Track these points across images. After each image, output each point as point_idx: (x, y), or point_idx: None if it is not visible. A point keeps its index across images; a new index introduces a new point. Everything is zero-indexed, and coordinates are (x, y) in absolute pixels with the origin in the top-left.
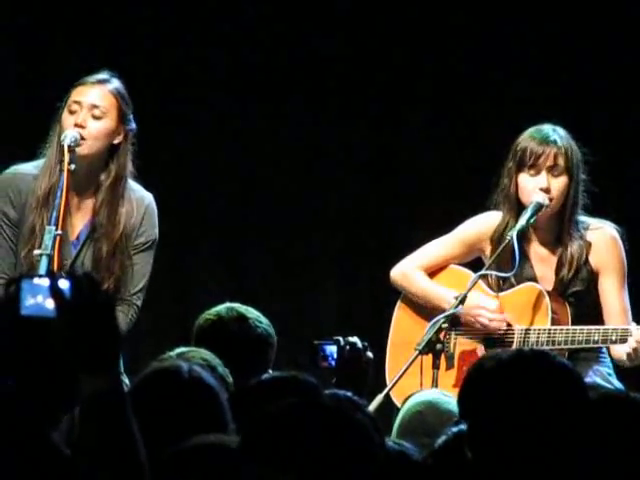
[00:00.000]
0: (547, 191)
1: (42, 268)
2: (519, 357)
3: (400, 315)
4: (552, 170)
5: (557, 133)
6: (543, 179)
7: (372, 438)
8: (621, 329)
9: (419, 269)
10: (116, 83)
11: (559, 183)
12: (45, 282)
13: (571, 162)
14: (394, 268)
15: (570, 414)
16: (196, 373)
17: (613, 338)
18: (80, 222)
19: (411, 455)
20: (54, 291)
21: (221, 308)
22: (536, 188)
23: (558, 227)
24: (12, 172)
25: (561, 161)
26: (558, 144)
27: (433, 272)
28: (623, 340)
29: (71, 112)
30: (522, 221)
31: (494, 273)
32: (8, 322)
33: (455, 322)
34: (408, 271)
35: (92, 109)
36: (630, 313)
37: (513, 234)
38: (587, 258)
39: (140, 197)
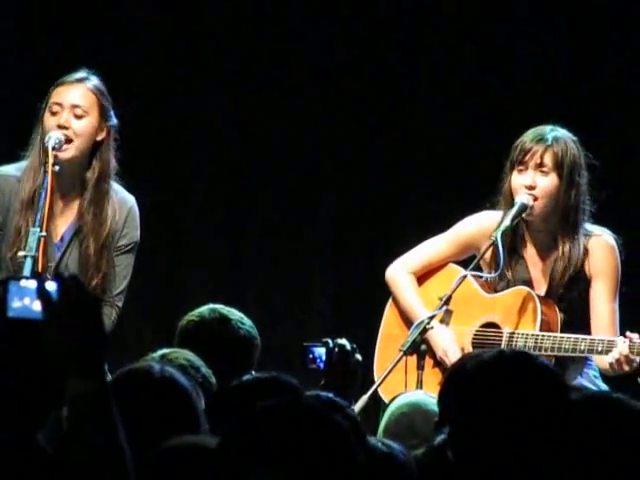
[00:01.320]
0: (530, 188)
1: (26, 270)
2: (500, 357)
3: (391, 309)
4: (539, 168)
5: (554, 132)
6: (528, 176)
7: (349, 439)
8: (607, 340)
9: (410, 274)
10: (95, 80)
11: (545, 182)
12: (32, 284)
13: (561, 162)
14: (388, 268)
15: (551, 415)
16: (168, 373)
17: (599, 349)
18: (64, 224)
19: (398, 456)
20: (41, 293)
21: (204, 309)
22: (522, 186)
23: (555, 230)
24: None
25: (548, 159)
26: (548, 142)
27: (430, 270)
28: (609, 351)
29: (53, 113)
30: (506, 221)
31: (477, 274)
32: None
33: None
34: (398, 278)
35: (74, 109)
36: (618, 322)
37: (497, 235)
38: (583, 265)
39: (122, 199)
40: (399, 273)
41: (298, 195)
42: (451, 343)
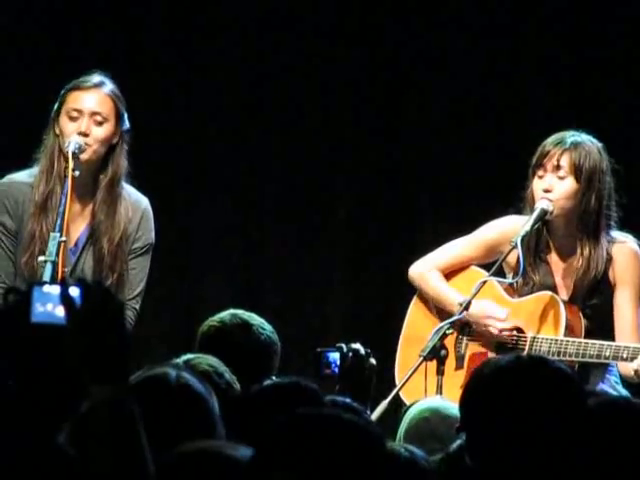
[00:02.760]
0: (547, 192)
1: (46, 275)
2: (517, 363)
3: (415, 310)
4: (556, 171)
5: (575, 137)
6: (546, 180)
7: (380, 446)
8: (633, 347)
9: (436, 269)
10: (111, 85)
11: (563, 186)
12: (55, 290)
13: (579, 165)
14: (412, 265)
15: (569, 420)
16: (184, 380)
17: (624, 355)
18: (78, 228)
19: (420, 462)
20: (65, 299)
21: (224, 315)
22: (541, 190)
23: (576, 235)
24: (7, 182)
25: (565, 162)
26: (566, 146)
27: (452, 272)
28: (634, 358)
29: (71, 119)
30: (526, 227)
31: (499, 279)
32: (8, 330)
33: (465, 328)
34: (425, 271)
35: (93, 115)
36: None
37: (517, 240)
38: (606, 272)
39: (136, 201)
40: (426, 269)
41: (314, 198)
42: (493, 305)
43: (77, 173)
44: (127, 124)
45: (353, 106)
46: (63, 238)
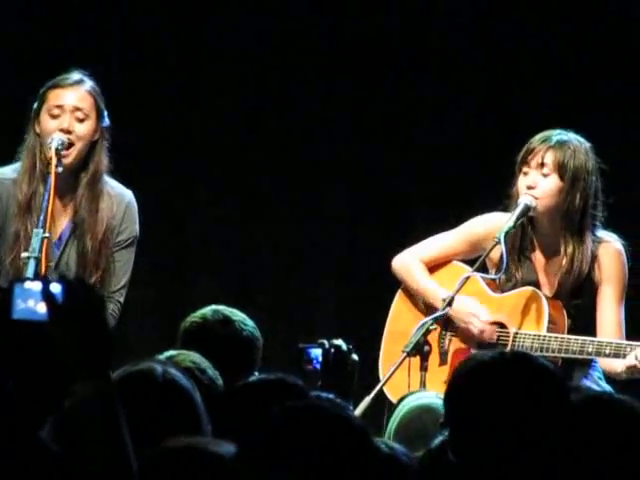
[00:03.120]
0: (530, 188)
1: (30, 271)
2: (500, 359)
3: (399, 304)
4: (540, 168)
5: (561, 135)
6: (530, 177)
7: (369, 439)
8: (616, 343)
9: (420, 261)
10: (91, 82)
11: (547, 182)
12: (37, 286)
13: (564, 164)
14: (396, 257)
15: (551, 416)
16: (170, 375)
17: (607, 351)
18: (61, 223)
19: (400, 458)
20: (46, 295)
21: (206, 310)
22: (524, 187)
23: (560, 233)
24: None
25: (549, 160)
26: (551, 143)
27: (435, 266)
28: (616, 355)
29: (53, 116)
30: (510, 222)
31: (481, 275)
32: None
33: (449, 323)
34: (408, 262)
35: (75, 112)
36: (624, 327)
37: (501, 236)
38: (591, 272)
39: (120, 194)
40: (410, 260)
41: (303, 197)
42: (477, 304)
43: (60, 170)
44: (107, 121)
45: (345, 107)
46: (46, 234)
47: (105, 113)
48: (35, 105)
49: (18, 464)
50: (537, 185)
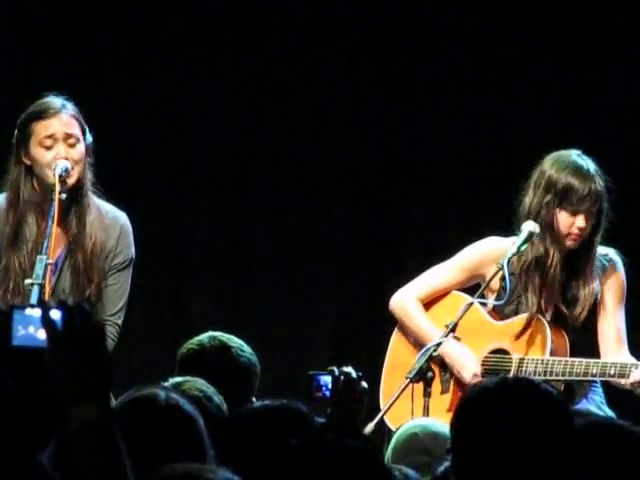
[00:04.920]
0: (583, 230)
1: (34, 297)
2: (503, 385)
3: (397, 338)
4: (590, 210)
5: (593, 168)
6: (581, 220)
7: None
8: (620, 364)
9: (417, 300)
10: (70, 104)
11: (591, 223)
12: (36, 312)
13: (602, 206)
14: (393, 297)
15: (555, 442)
16: (173, 401)
17: (612, 372)
18: (57, 249)
19: None
20: (46, 321)
21: (203, 337)
22: (573, 227)
23: (571, 259)
24: None
25: (599, 203)
26: (598, 185)
27: (434, 299)
28: (621, 375)
29: (46, 147)
30: (513, 249)
31: (483, 301)
32: None
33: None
34: (404, 302)
35: (67, 139)
36: (625, 336)
37: (504, 262)
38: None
39: (113, 217)
40: (406, 299)
41: (299, 222)
42: (469, 357)
43: (64, 196)
44: (90, 138)
45: (343, 123)
46: (50, 260)
47: (87, 131)
48: (17, 136)
49: None
50: (586, 227)
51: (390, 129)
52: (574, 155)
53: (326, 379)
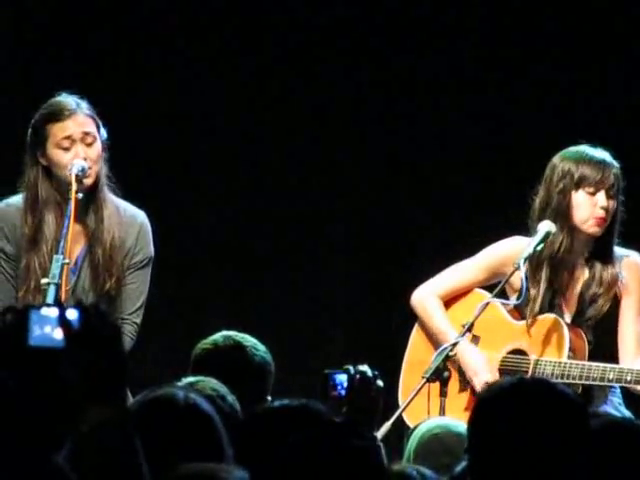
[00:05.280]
0: (606, 211)
1: (50, 297)
2: (520, 385)
3: (417, 335)
4: (611, 188)
5: (607, 155)
6: (603, 197)
7: (379, 469)
8: (637, 370)
9: (437, 298)
10: (84, 103)
11: (613, 204)
12: (53, 312)
13: (620, 186)
14: (414, 293)
15: (571, 443)
16: (192, 400)
17: (628, 378)
18: (77, 248)
19: None
20: (63, 321)
21: (217, 337)
22: (598, 208)
23: (585, 252)
24: (3, 206)
25: (617, 186)
26: (614, 168)
27: (457, 296)
28: (638, 381)
29: (64, 149)
30: (529, 249)
31: (502, 301)
32: (6, 351)
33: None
34: (425, 300)
35: (84, 139)
36: None
37: (520, 262)
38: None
39: (132, 215)
40: (427, 297)
41: (310, 217)
42: (482, 364)
43: (80, 196)
44: (104, 134)
45: (348, 126)
46: (67, 260)
47: (101, 127)
48: (31, 138)
49: None
50: (609, 207)
51: (390, 129)
52: (583, 147)
53: (342, 378)
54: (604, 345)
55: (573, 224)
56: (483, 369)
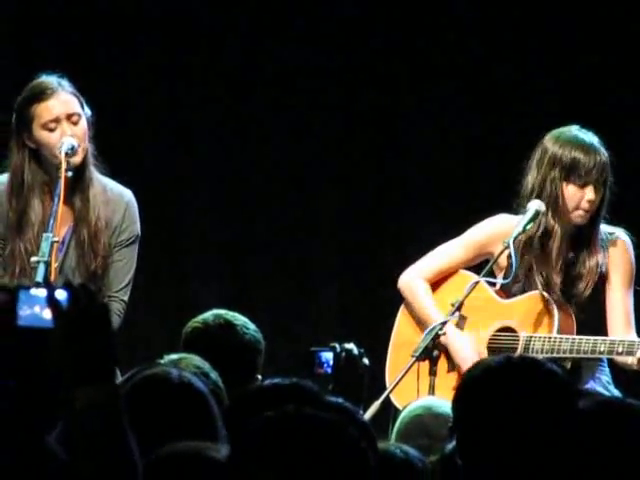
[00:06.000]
0: (592, 204)
1: (39, 275)
2: (507, 364)
3: (403, 316)
4: (598, 181)
5: (595, 141)
6: (590, 192)
7: (357, 446)
8: (628, 341)
9: (424, 280)
10: (66, 81)
11: (599, 195)
12: (42, 292)
13: (607, 177)
14: (401, 276)
15: (559, 420)
16: (186, 379)
17: (619, 350)
18: (64, 227)
19: (414, 463)
20: (51, 301)
21: (208, 315)
22: (582, 201)
23: (571, 232)
24: None
25: (605, 174)
26: (603, 156)
27: (442, 277)
28: (629, 352)
29: (51, 130)
30: (519, 227)
31: (490, 280)
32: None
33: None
34: (411, 283)
35: (70, 118)
36: (633, 317)
37: (510, 241)
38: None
39: (119, 194)
40: (413, 280)
41: (301, 199)
42: (469, 349)
43: (70, 174)
44: (88, 111)
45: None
46: (56, 238)
47: (84, 104)
48: (16, 121)
49: (25, 469)
50: (595, 200)
51: (390, 129)
52: (574, 130)
53: (328, 356)
54: (591, 322)
55: (560, 211)
56: (470, 355)
